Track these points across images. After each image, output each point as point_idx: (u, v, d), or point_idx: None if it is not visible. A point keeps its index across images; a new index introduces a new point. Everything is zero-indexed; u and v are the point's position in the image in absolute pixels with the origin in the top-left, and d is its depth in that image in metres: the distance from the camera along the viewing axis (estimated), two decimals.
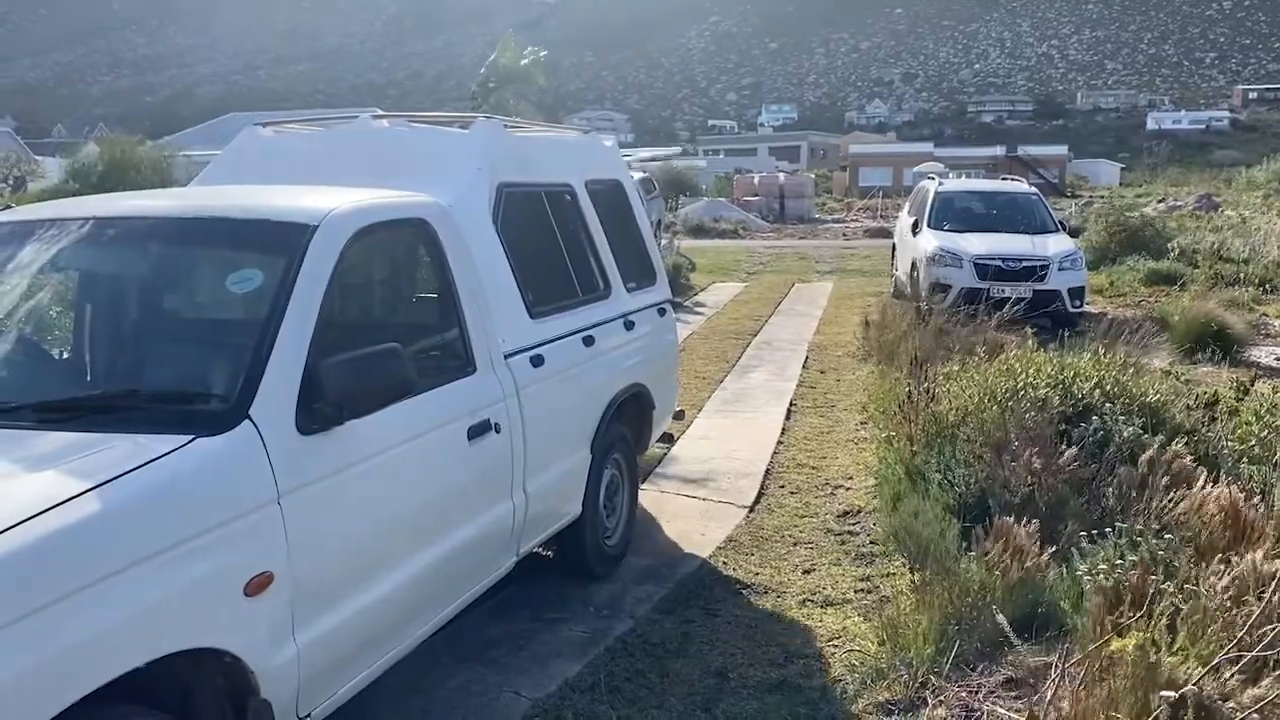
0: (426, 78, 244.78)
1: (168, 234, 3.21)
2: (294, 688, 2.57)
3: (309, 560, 2.59)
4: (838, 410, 8.00)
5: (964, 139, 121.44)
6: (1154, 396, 5.65)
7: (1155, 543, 3.83)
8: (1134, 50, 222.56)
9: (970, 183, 15.94)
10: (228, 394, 2.58)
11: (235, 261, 2.98)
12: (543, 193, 4.52)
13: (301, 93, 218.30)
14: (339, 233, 2.97)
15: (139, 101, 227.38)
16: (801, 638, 4.08)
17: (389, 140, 4.42)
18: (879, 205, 38.72)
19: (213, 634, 2.31)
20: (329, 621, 2.69)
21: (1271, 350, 10.45)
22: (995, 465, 4.85)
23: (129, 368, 3.10)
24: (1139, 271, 15.29)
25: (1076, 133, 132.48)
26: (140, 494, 2.21)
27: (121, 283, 3.40)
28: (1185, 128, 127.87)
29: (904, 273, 13.40)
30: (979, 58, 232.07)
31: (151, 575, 2.15)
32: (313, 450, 2.64)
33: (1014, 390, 5.53)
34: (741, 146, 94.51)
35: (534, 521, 3.92)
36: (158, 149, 31.02)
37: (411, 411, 3.04)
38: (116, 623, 2.07)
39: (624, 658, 3.92)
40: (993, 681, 3.48)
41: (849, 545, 5.07)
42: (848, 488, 6.00)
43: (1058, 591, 3.83)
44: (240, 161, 4.43)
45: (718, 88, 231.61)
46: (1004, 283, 11.12)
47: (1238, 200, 28.93)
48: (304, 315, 2.73)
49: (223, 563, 2.33)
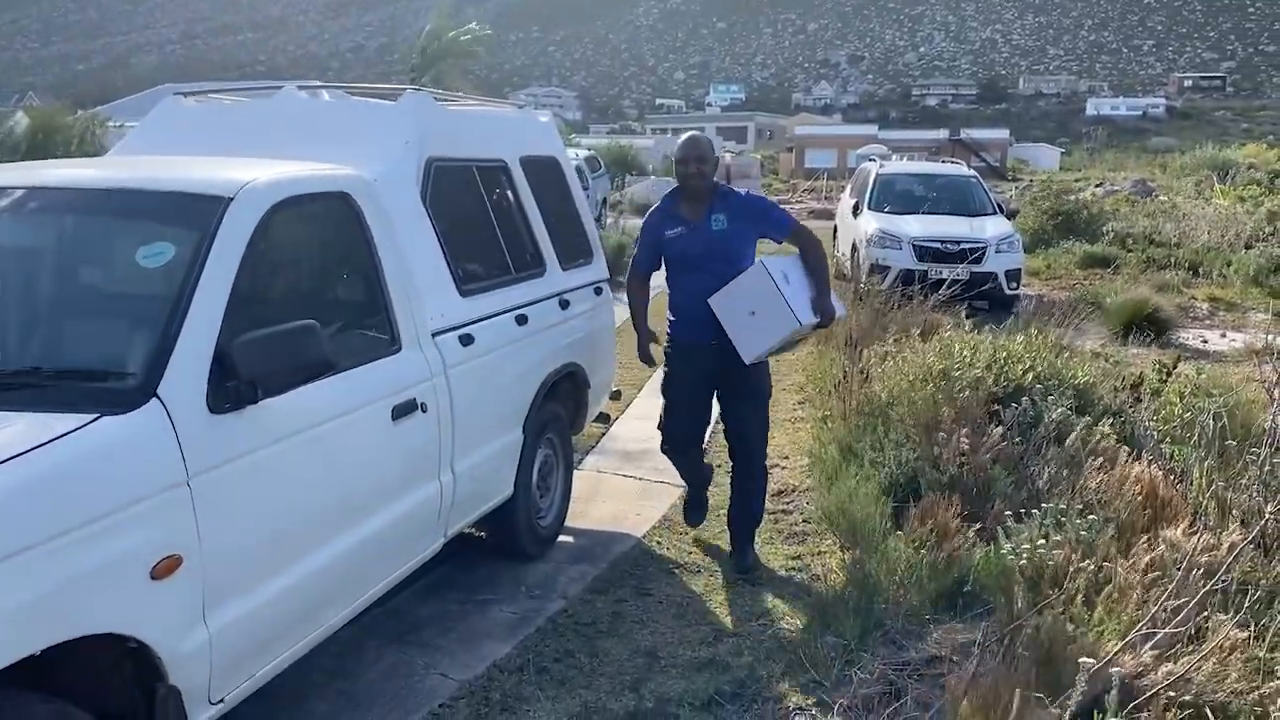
0: (369, 50, 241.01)
1: (77, 205, 3.10)
2: (205, 673, 2.51)
3: (221, 542, 2.52)
4: (776, 389, 7.99)
5: (908, 122, 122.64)
6: (1083, 378, 5.75)
7: (1079, 522, 3.89)
8: (1075, 37, 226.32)
9: (911, 165, 16.04)
10: (135, 371, 2.49)
11: (146, 234, 2.88)
12: (475, 168, 4.45)
13: (241, 63, 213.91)
14: (255, 206, 2.88)
15: (71, 70, 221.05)
16: (732, 616, 4.09)
17: (315, 112, 4.31)
18: (824, 187, 38.94)
19: (116, 619, 2.23)
20: (244, 605, 2.63)
21: (1199, 333, 10.71)
22: (926, 445, 4.90)
23: (35, 343, 2.98)
24: (1075, 255, 15.57)
25: (1019, 117, 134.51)
26: (38, 475, 2.13)
27: (29, 255, 3.26)
28: (1123, 114, 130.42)
29: (845, 254, 13.48)
30: (924, 41, 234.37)
31: (49, 558, 2.07)
32: (225, 430, 2.56)
33: (946, 371, 5.58)
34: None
35: (463, 502, 3.87)
36: (89, 119, 30.11)
37: (331, 390, 2.97)
38: (11, 608, 1.99)
39: (554, 638, 3.90)
40: (918, 658, 3.51)
41: (782, 524, 5.09)
42: (783, 467, 6.03)
43: (982, 570, 3.87)
44: (160, 131, 4.29)
45: (666, 66, 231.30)
46: (942, 264, 11.24)
47: (1171, 186, 29.56)
48: (216, 291, 2.65)
49: (127, 545, 2.25)
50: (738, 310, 4.20)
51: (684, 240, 4.38)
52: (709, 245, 4.32)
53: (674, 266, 4.47)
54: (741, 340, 4.21)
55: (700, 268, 4.31)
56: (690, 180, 4.38)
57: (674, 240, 4.40)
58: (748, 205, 4.44)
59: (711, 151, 4.44)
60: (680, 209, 4.44)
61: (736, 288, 4.21)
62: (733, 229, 4.33)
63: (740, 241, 4.34)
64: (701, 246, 4.33)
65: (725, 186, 4.50)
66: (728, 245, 4.30)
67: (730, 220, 4.34)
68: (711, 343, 4.28)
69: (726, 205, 4.37)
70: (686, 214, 4.41)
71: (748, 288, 4.19)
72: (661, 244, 4.45)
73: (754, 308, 4.15)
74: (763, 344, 4.22)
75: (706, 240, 4.33)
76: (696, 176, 4.37)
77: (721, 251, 4.29)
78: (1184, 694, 2.82)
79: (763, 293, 4.15)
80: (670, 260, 4.46)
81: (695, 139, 4.47)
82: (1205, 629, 3.17)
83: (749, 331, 4.19)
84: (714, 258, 4.28)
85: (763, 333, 4.18)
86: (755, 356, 4.23)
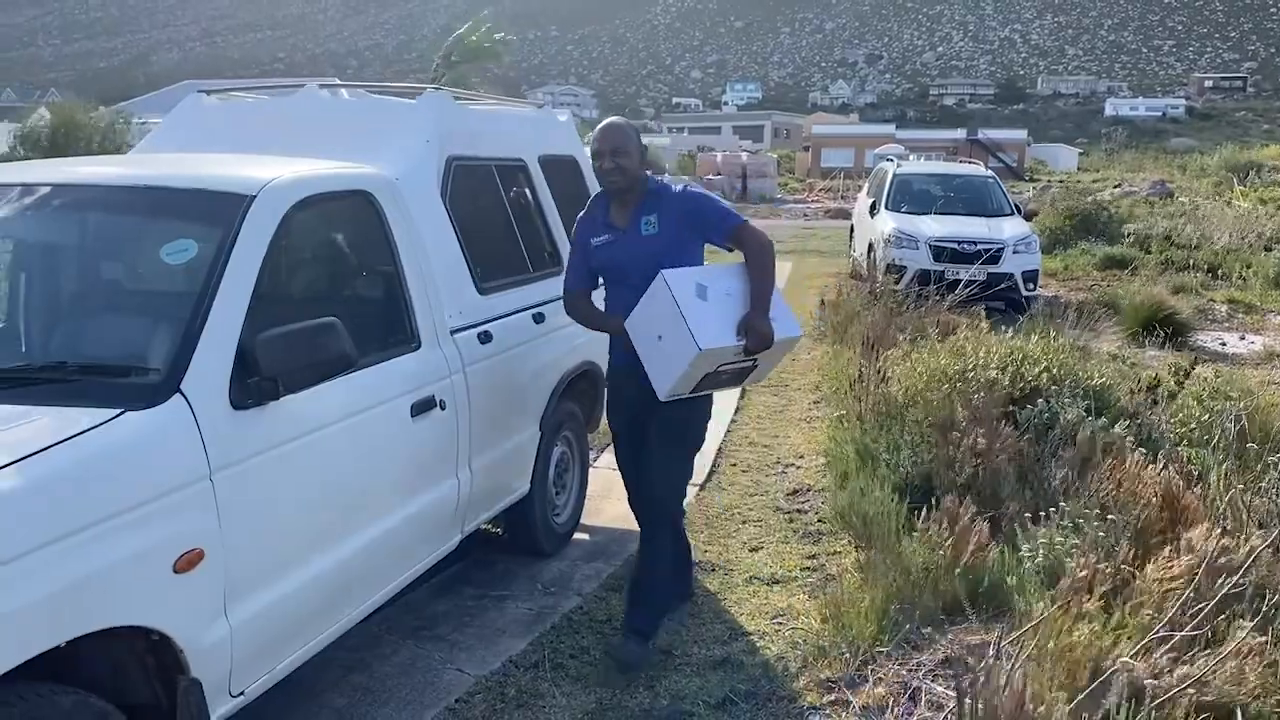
0: (387, 48, 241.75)
1: (104, 202, 3.13)
2: (226, 666, 2.53)
3: (243, 536, 2.55)
4: (791, 389, 8.03)
5: (926, 121, 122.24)
6: (1099, 380, 5.73)
7: (1095, 524, 3.88)
8: (1094, 36, 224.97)
9: (928, 165, 16.01)
10: (159, 367, 2.52)
11: (171, 231, 2.91)
12: (494, 167, 4.47)
13: (261, 61, 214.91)
14: (278, 204, 2.91)
15: (92, 66, 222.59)
16: (746, 615, 4.10)
17: (336, 110, 4.34)
18: (840, 186, 38.87)
19: (140, 611, 2.26)
20: (264, 598, 2.66)
21: (1216, 335, 10.65)
22: (941, 446, 4.89)
23: (60, 338, 3.02)
24: (1092, 256, 15.49)
25: (1036, 117, 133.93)
26: (64, 468, 2.16)
27: (56, 251, 3.31)
28: (1142, 114, 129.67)
29: (861, 254, 13.47)
30: (942, 40, 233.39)
31: (75, 551, 2.10)
32: (247, 425, 2.59)
33: (962, 371, 5.57)
34: (706, 125, 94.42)
35: (480, 499, 3.89)
36: (110, 115, 30.33)
37: (352, 387, 3.00)
38: (37, 599, 2.01)
39: (570, 635, 3.92)
40: (932, 660, 3.51)
41: (797, 524, 5.10)
42: (798, 466, 6.04)
43: (999, 572, 3.87)
44: (184, 129, 4.33)
45: (683, 65, 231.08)
46: (959, 265, 11.21)
47: (1191, 187, 29.38)
48: (239, 288, 2.68)
49: (150, 539, 2.28)
50: (648, 334, 3.53)
51: (611, 249, 3.74)
52: (637, 254, 3.65)
53: (606, 280, 3.87)
54: (655, 370, 3.52)
55: (630, 281, 3.61)
56: (608, 178, 3.69)
57: (600, 249, 3.77)
58: (682, 203, 3.71)
59: (633, 140, 3.71)
60: (609, 213, 3.79)
61: (642, 306, 3.55)
62: (666, 233, 3.66)
63: (675, 247, 3.64)
64: (629, 255, 3.68)
65: (658, 182, 3.80)
66: (659, 253, 3.61)
67: (662, 222, 3.67)
68: (640, 369, 3.59)
69: (659, 205, 3.69)
70: (614, 218, 3.76)
71: (651, 306, 3.51)
72: (589, 254, 3.81)
73: (660, 330, 3.46)
74: (670, 376, 3.47)
75: (635, 248, 3.67)
76: (615, 173, 3.66)
77: (652, 260, 3.57)
78: (1202, 696, 2.81)
79: (664, 312, 3.45)
80: (600, 273, 3.86)
81: (610, 127, 3.74)
82: (1224, 633, 3.17)
83: (660, 360, 3.50)
84: (644, 268, 3.55)
85: (670, 362, 3.46)
86: (669, 392, 3.51)
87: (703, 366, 3.45)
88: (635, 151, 3.68)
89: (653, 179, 3.79)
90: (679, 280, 3.46)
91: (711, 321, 3.43)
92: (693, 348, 3.36)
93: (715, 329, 3.43)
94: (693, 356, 3.37)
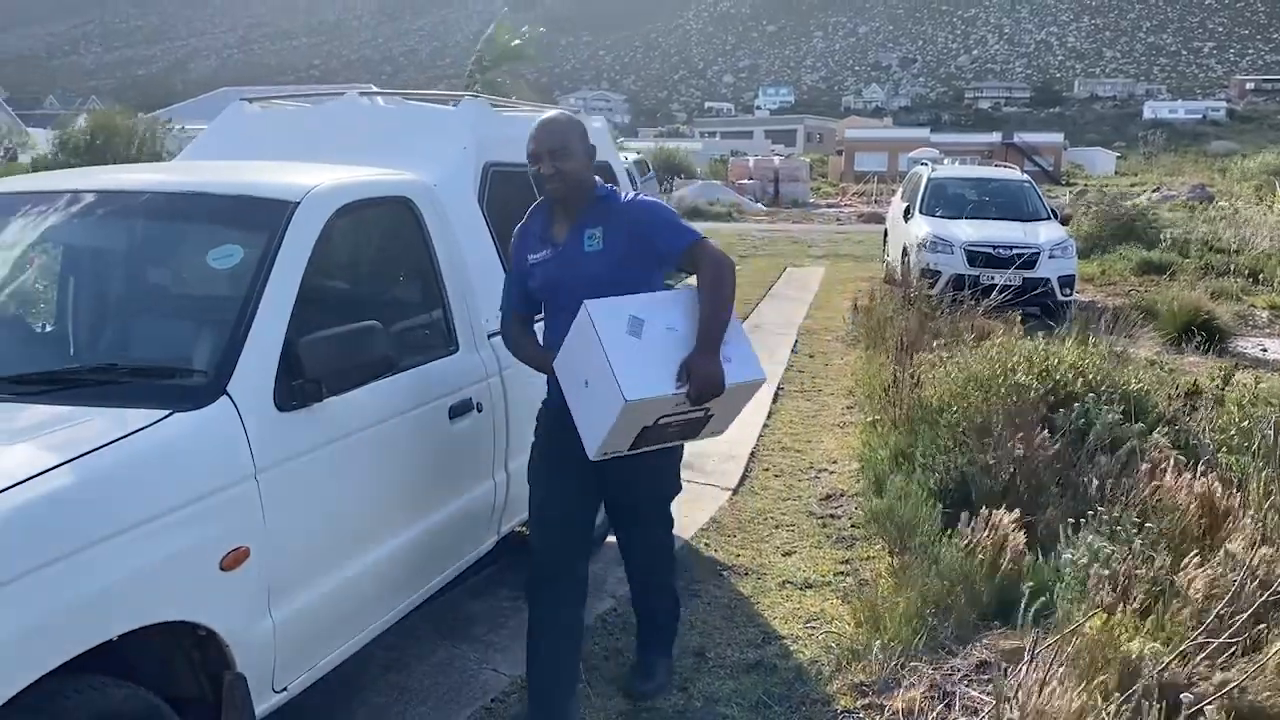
0: (421, 54, 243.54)
1: (150, 208, 3.20)
2: (270, 661, 2.59)
3: (286, 535, 2.60)
4: (824, 394, 8.02)
5: (961, 125, 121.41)
6: (1136, 385, 5.68)
7: (1133, 531, 3.86)
8: (1132, 39, 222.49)
9: (963, 169, 15.94)
10: (206, 369, 2.58)
11: (216, 237, 2.98)
12: (530, 173, 4.51)
13: (297, 67, 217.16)
14: (320, 210, 2.97)
15: (132, 74, 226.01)
16: (780, 619, 4.11)
17: (376, 117, 4.40)
18: (873, 190, 38.71)
19: (187, 607, 2.32)
20: (305, 596, 2.71)
21: (1257, 341, 10.51)
22: (977, 451, 4.88)
23: (109, 341, 3.10)
24: (1130, 260, 15.33)
25: (1073, 120, 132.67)
26: (116, 467, 2.21)
27: (104, 256, 3.39)
28: (1182, 117, 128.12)
29: (895, 258, 13.42)
30: (977, 44, 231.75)
31: (126, 548, 2.16)
32: (291, 427, 2.64)
33: (998, 376, 5.55)
34: (737, 129, 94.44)
35: (515, 501, 3.92)
36: (149, 122, 30.87)
37: (392, 389, 3.05)
38: (91, 595, 2.07)
39: (603, 637, 3.95)
40: (967, 664, 3.51)
41: (830, 528, 5.10)
42: (831, 471, 6.04)
43: (1035, 578, 3.86)
44: (226, 137, 4.41)
45: (715, 69, 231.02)
46: (994, 270, 11.13)
47: (1231, 191, 28.98)
48: (283, 292, 2.73)
49: (198, 537, 2.34)
50: (574, 378, 2.94)
51: (548, 267, 3.12)
52: (578, 274, 3.03)
53: (544, 305, 3.22)
54: (582, 423, 2.92)
55: (570, 307, 2.95)
56: (548, 185, 3.07)
57: (537, 267, 3.14)
58: (631, 214, 3.07)
59: (577, 139, 3.09)
60: (549, 224, 3.17)
61: (567, 343, 2.95)
62: (612, 249, 3.03)
63: (620, 267, 3.01)
64: (568, 276, 3.05)
65: (606, 189, 3.17)
66: (602, 273, 3.00)
67: (609, 237, 3.04)
68: None
69: (606, 216, 3.07)
70: (555, 231, 3.14)
71: (575, 343, 2.91)
72: (526, 273, 3.19)
73: (586, 374, 2.86)
74: (598, 431, 2.85)
75: (575, 267, 3.05)
76: (555, 180, 3.05)
77: (593, 282, 2.97)
78: (1239, 703, 2.80)
79: (588, 352, 2.84)
80: (538, 295, 3.20)
81: (548, 125, 3.11)
82: (1262, 640, 3.14)
83: (587, 411, 2.89)
84: (586, 292, 2.93)
85: (597, 414, 2.84)
86: (600, 450, 2.88)
87: (637, 420, 2.83)
88: (580, 152, 3.09)
89: (602, 186, 3.17)
90: (607, 312, 2.86)
91: (645, 365, 2.81)
92: (618, 399, 2.73)
93: (649, 374, 2.80)
94: (619, 409, 2.74)
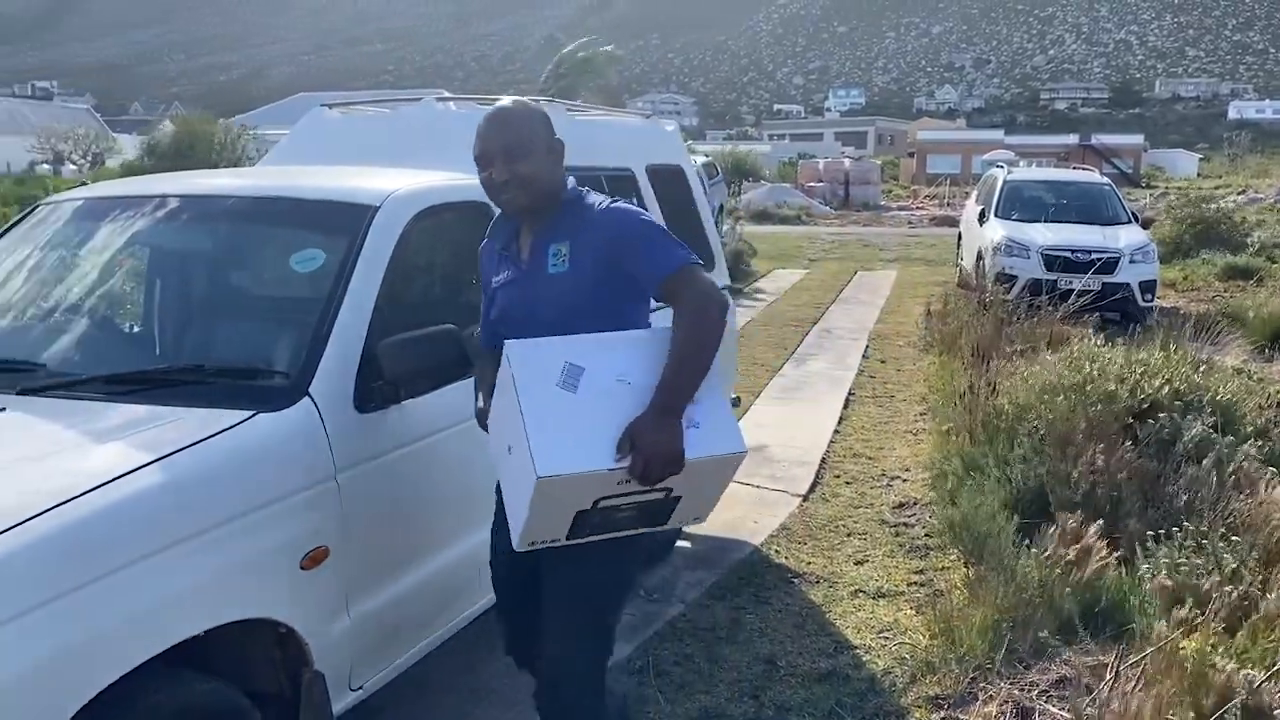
0: (492, 60, 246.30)
1: (235, 212, 3.28)
2: (347, 660, 2.63)
3: (364, 536, 2.64)
4: (897, 401, 7.92)
5: (1036, 127, 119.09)
6: (1224, 395, 5.50)
7: (1220, 545, 3.74)
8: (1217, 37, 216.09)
9: (1039, 172, 15.62)
10: (289, 371, 2.63)
11: (299, 240, 3.03)
12: (603, 177, 4.52)
13: (370, 73, 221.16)
14: (400, 214, 3.01)
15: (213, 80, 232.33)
16: (852, 629, 4.06)
17: (453, 123, 4.44)
18: (946, 193, 38.15)
19: (269, 605, 2.36)
20: (382, 596, 2.74)
21: None
22: (1057, 460, 4.76)
23: (194, 342, 3.18)
24: (1214, 265, 14.88)
25: (1154, 122, 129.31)
26: (204, 466, 2.27)
27: (190, 259, 3.48)
28: (1270, 117, 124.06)
29: (969, 262, 13.21)
30: (1054, 43, 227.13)
31: (213, 546, 2.21)
32: (369, 428, 2.68)
33: (1079, 384, 5.41)
34: (807, 131, 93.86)
35: None
36: (229, 128, 31.74)
37: (467, 393, 3.06)
38: (181, 590, 2.12)
39: (673, 642, 3.94)
40: (1046, 680, 3.43)
41: (903, 537, 5.02)
42: (904, 479, 5.95)
43: (1117, 591, 3.75)
44: (307, 142, 4.49)
45: (784, 71, 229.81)
46: (1072, 274, 10.89)
47: None
48: (364, 295, 2.77)
49: (281, 536, 2.38)
50: (500, 443, 2.35)
51: (510, 291, 2.52)
52: (540, 299, 2.44)
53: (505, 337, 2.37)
54: (509, 502, 2.38)
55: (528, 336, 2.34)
56: (503, 195, 2.46)
57: (499, 290, 2.55)
58: (605, 228, 2.40)
59: (539, 134, 2.47)
60: (513, 239, 2.57)
61: (495, 398, 2.37)
62: (580, 270, 2.40)
63: (592, 293, 2.39)
64: (530, 301, 2.46)
65: (577, 193, 2.51)
66: (574, 301, 2.39)
67: (576, 254, 2.40)
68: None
69: (575, 229, 2.43)
70: (520, 246, 2.53)
71: (499, 400, 2.33)
72: (490, 300, 2.61)
73: (510, 439, 2.26)
74: (519, 512, 2.25)
75: (536, 290, 2.45)
76: (512, 187, 2.43)
77: (563, 311, 2.38)
78: None
79: (508, 410, 2.24)
80: (496, 327, 2.52)
81: (499, 117, 2.49)
82: None
83: (511, 487, 2.33)
84: (549, 322, 2.36)
85: (518, 491, 2.25)
86: (525, 537, 2.27)
87: (566, 502, 2.20)
88: (542, 151, 2.45)
89: (573, 189, 2.52)
90: (532, 357, 2.24)
91: (574, 429, 2.17)
92: (530, 474, 2.12)
93: (575, 442, 2.16)
94: (531, 486, 2.13)
